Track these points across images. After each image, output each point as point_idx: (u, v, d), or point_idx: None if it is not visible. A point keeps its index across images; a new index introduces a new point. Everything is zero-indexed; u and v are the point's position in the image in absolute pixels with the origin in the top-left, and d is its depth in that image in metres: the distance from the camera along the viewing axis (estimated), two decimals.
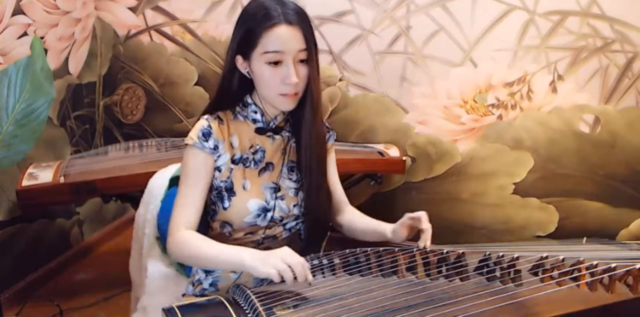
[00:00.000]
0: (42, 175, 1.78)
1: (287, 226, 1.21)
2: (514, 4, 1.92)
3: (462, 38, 2.00)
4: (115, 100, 2.50)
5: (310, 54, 1.08)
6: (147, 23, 2.36)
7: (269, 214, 1.16)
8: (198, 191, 1.11)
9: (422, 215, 1.12)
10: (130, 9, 2.36)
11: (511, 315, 0.91)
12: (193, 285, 1.22)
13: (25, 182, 1.73)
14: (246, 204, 1.14)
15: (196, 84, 2.38)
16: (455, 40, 2.02)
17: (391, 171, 2.09)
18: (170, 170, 1.45)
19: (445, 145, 2.15)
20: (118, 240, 2.46)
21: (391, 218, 2.41)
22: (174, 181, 1.33)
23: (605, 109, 1.95)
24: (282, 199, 1.17)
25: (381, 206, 2.25)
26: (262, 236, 1.19)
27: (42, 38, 2.01)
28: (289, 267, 0.94)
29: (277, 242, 1.22)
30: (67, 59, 2.18)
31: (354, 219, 1.28)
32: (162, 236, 1.38)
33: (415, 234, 1.15)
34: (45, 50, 2.03)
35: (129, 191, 1.84)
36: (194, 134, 1.12)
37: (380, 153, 2.04)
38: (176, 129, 2.46)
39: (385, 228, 1.19)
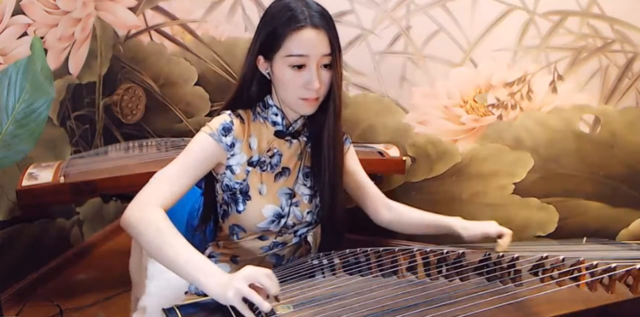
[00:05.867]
0: (42, 175, 1.78)
1: (298, 233, 1.20)
2: (514, 4, 1.92)
3: (462, 38, 2.00)
4: (115, 100, 2.50)
5: (334, 59, 1.05)
6: (147, 23, 2.36)
7: (283, 220, 1.14)
8: (191, 177, 1.05)
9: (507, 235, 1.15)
10: (130, 9, 2.36)
11: (511, 315, 0.91)
12: None
13: (25, 182, 1.73)
14: (261, 209, 1.12)
15: (196, 84, 2.38)
16: (455, 40, 2.02)
17: (391, 170, 2.09)
18: None
19: (445, 145, 2.15)
20: (118, 240, 2.46)
21: None
22: None
23: (605, 109, 1.95)
24: (296, 206, 1.15)
25: None
26: (273, 241, 1.18)
27: (42, 38, 2.01)
28: (256, 288, 0.85)
29: (286, 248, 1.21)
30: (67, 59, 2.18)
31: (402, 213, 1.28)
32: None
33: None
34: (45, 50, 2.03)
35: (129, 191, 1.84)
36: (214, 126, 1.08)
37: (380, 153, 2.04)
38: (176, 129, 2.46)
39: (451, 222, 1.20)
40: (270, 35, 1.04)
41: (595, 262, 1.00)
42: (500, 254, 1.07)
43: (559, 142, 2.02)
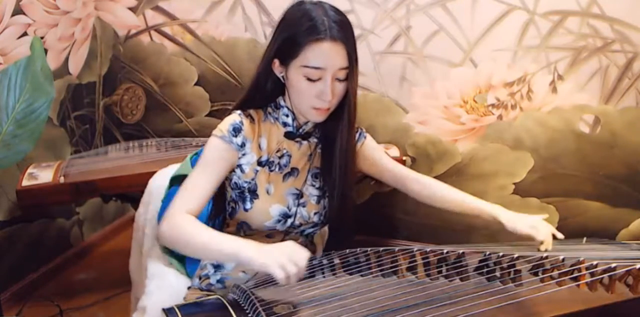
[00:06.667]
0: (42, 175, 1.78)
1: (305, 232, 1.22)
2: (514, 4, 1.92)
3: (462, 38, 2.00)
4: (115, 100, 2.50)
5: (351, 71, 1.05)
6: (147, 23, 2.36)
7: (289, 220, 1.15)
8: (210, 182, 1.08)
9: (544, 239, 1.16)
10: (130, 9, 2.36)
11: (511, 315, 0.91)
12: (200, 279, 1.22)
13: (25, 182, 1.73)
14: (268, 208, 1.13)
15: (196, 84, 2.38)
16: (455, 40, 2.01)
17: None
18: (170, 170, 1.45)
19: (445, 145, 2.15)
20: (118, 240, 2.46)
21: (391, 218, 2.42)
22: (174, 181, 1.33)
23: (605, 109, 1.95)
24: (303, 206, 1.16)
25: (381, 205, 2.25)
26: (280, 240, 1.18)
27: (42, 38, 2.01)
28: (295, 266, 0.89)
29: None
30: (67, 59, 2.18)
31: (434, 189, 1.31)
32: None
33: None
34: (45, 50, 2.03)
35: (129, 191, 1.84)
36: (224, 127, 1.10)
37: None
38: (176, 129, 2.46)
39: (496, 212, 1.21)
40: (288, 42, 1.04)
41: (595, 262, 1.00)
42: (500, 253, 1.07)
43: (559, 142, 2.02)
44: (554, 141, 2.02)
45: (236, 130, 1.10)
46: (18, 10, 1.88)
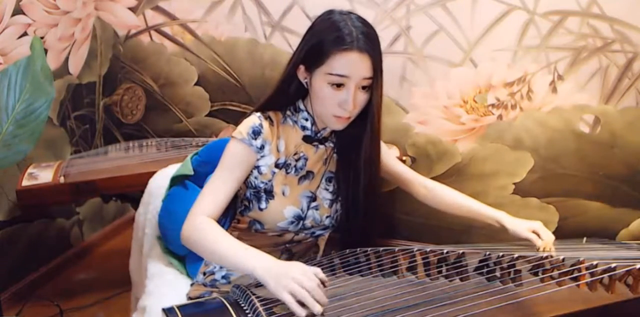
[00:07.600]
0: (42, 175, 1.78)
1: (315, 234, 1.23)
2: (514, 4, 1.92)
3: (462, 38, 2.00)
4: (115, 100, 2.50)
5: (375, 82, 1.07)
6: (147, 23, 2.36)
7: (302, 222, 1.17)
8: (231, 183, 1.11)
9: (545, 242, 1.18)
10: (130, 9, 2.36)
11: (511, 315, 0.91)
12: (204, 274, 1.23)
13: (25, 182, 1.73)
14: (283, 209, 1.15)
15: (196, 84, 2.38)
16: (455, 40, 2.01)
17: None
18: (170, 170, 1.45)
19: (445, 145, 2.15)
20: (118, 240, 2.46)
21: (391, 218, 2.41)
22: (174, 181, 1.33)
23: (605, 109, 1.95)
24: (316, 209, 1.18)
25: (381, 205, 2.25)
26: (290, 239, 1.21)
27: (42, 38, 2.01)
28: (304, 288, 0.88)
29: (301, 245, 1.24)
30: (67, 59, 2.18)
31: (440, 192, 1.35)
32: (163, 236, 1.38)
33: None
34: (45, 50, 2.03)
35: (129, 191, 1.84)
36: (244, 130, 1.12)
37: None
38: (176, 129, 2.46)
39: (499, 216, 1.24)
40: (315, 50, 1.06)
41: (595, 262, 1.00)
42: (500, 254, 1.07)
43: (559, 142, 2.02)
44: (554, 141, 2.02)
45: (256, 132, 1.11)
46: (18, 10, 1.88)
